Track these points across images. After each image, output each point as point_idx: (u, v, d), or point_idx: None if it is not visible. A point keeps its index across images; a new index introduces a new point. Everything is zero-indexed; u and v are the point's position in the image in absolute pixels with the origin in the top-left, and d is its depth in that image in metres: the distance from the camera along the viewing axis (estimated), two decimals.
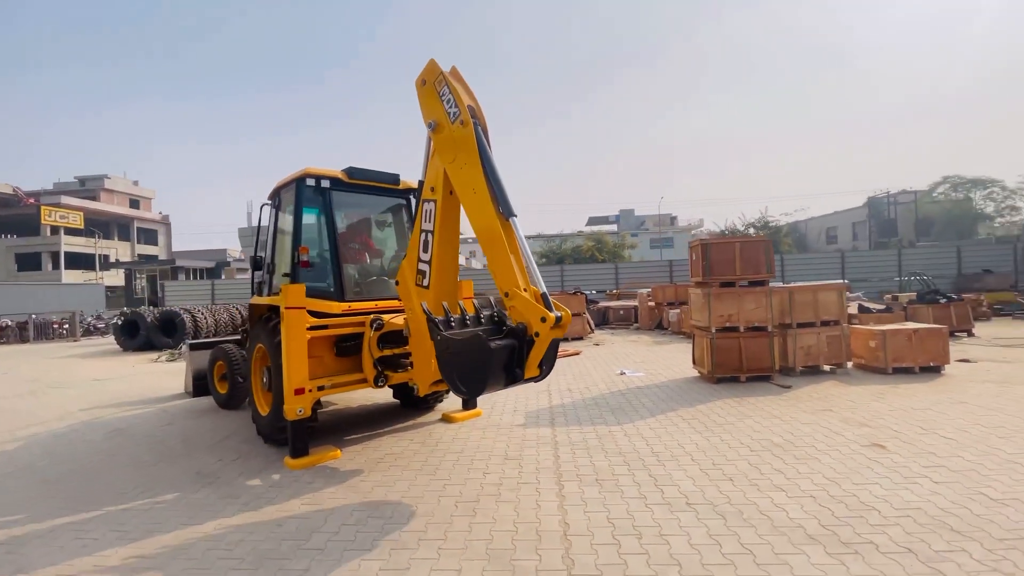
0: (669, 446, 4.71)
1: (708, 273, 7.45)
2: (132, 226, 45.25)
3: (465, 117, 4.05)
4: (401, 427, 5.70)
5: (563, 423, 5.58)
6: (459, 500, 3.72)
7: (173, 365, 11.72)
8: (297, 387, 4.53)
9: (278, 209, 5.64)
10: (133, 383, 9.34)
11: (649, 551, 2.94)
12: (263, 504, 3.78)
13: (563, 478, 4.05)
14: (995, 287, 16.97)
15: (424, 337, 4.48)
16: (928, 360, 7.52)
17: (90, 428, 6.18)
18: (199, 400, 7.51)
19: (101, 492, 4.14)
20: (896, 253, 19.12)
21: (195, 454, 5.04)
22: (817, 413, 5.64)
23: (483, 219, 3.97)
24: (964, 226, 41.39)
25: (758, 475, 3.99)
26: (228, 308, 16.84)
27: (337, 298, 5.14)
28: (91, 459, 5.00)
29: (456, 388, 3.73)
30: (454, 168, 4.21)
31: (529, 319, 3.56)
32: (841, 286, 7.91)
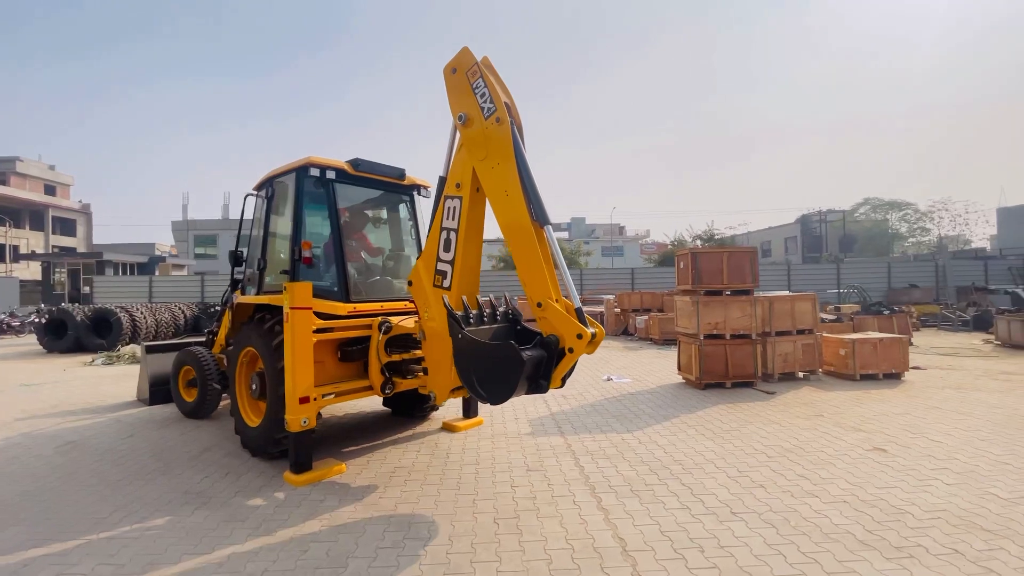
0: (687, 454, 4.69)
1: (697, 281, 7.60)
2: (47, 215, 40.85)
3: (501, 114, 3.86)
4: (401, 437, 5.37)
5: (571, 431, 5.45)
6: (497, 516, 3.50)
7: (111, 369, 10.60)
8: (302, 395, 4.13)
9: (271, 200, 5.17)
10: (69, 389, 8.33)
11: (718, 564, 2.86)
12: (275, 527, 3.39)
13: (597, 490, 3.91)
14: (920, 300, 18.60)
15: (441, 341, 4.24)
16: (891, 367, 8.03)
17: (34, 440, 5.40)
18: (157, 409, 6.78)
19: (73, 517, 3.58)
20: (835, 267, 20.60)
21: (173, 471, 4.49)
22: (811, 419, 5.84)
23: (515, 224, 3.79)
24: (881, 244, 45.32)
25: (786, 482, 4.03)
26: (170, 307, 15.54)
27: (341, 299, 4.77)
28: (48, 477, 4.34)
29: (475, 391, 3.56)
30: (484, 166, 4.00)
31: (563, 333, 3.44)
32: (814, 297, 8.31)
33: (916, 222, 46.43)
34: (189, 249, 40.29)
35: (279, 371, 4.33)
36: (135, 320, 13.61)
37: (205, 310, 15.99)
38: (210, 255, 40.91)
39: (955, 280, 20.42)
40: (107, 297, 19.17)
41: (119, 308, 13.66)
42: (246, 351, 4.90)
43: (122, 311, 13.48)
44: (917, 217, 46.31)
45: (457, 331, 3.61)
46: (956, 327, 15.79)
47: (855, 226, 45.67)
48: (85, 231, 44.17)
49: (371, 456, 4.79)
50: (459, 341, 3.58)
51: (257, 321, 4.69)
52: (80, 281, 24.34)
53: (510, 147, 3.81)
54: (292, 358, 4.09)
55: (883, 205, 46.51)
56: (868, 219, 46.98)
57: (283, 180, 5.02)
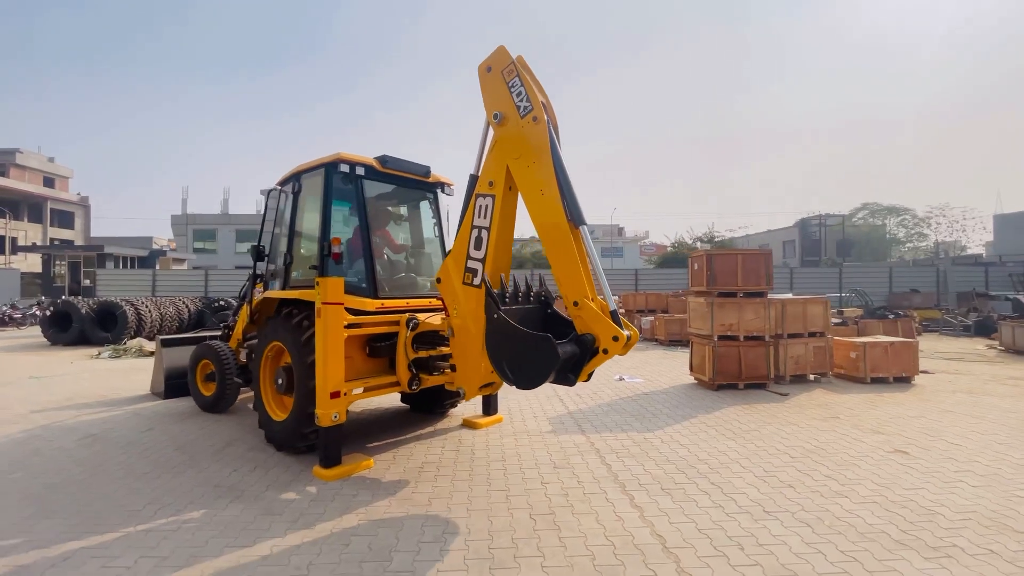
0: (711, 453, 4.72)
1: (712, 283, 7.64)
2: (45, 207, 40.52)
3: (538, 113, 3.88)
4: (424, 433, 5.38)
5: (592, 430, 5.48)
6: (532, 512, 3.52)
7: (119, 363, 10.56)
8: (333, 390, 4.14)
9: (297, 195, 5.17)
10: (80, 382, 8.29)
11: (760, 562, 2.89)
12: (313, 521, 3.40)
13: (627, 487, 3.94)
14: (921, 305, 18.74)
15: (470, 338, 4.26)
16: (901, 371, 8.10)
17: (54, 433, 5.38)
18: (173, 402, 6.77)
19: (106, 510, 3.57)
20: (836, 271, 20.74)
21: (199, 464, 4.49)
22: (827, 420, 5.89)
23: (550, 223, 3.82)
24: (879, 249, 45.61)
25: (813, 482, 4.07)
26: (174, 302, 15.48)
27: (370, 295, 4.78)
28: (74, 470, 4.33)
29: (503, 373, 3.62)
30: (519, 165, 4.02)
31: (599, 333, 3.49)
32: (826, 300, 8.36)
33: (914, 227, 46.75)
34: (188, 244, 40.12)
35: (309, 366, 4.34)
36: (140, 314, 13.55)
37: (209, 305, 15.92)
38: (209, 250, 40.74)
39: (956, 286, 20.59)
40: (110, 290, 19.05)
41: (124, 301, 13.60)
42: (272, 345, 4.90)
43: (127, 304, 13.42)
44: (915, 223, 46.62)
45: (494, 311, 3.65)
46: (958, 332, 15.91)
47: (853, 231, 45.93)
48: (83, 224, 43.90)
49: (396, 452, 4.80)
50: (495, 322, 3.63)
51: (285, 316, 4.69)
52: (81, 274, 24.18)
53: (547, 146, 3.83)
54: (324, 353, 4.10)
55: (881, 210, 46.77)
56: (866, 224, 47.26)
57: (311, 175, 5.02)
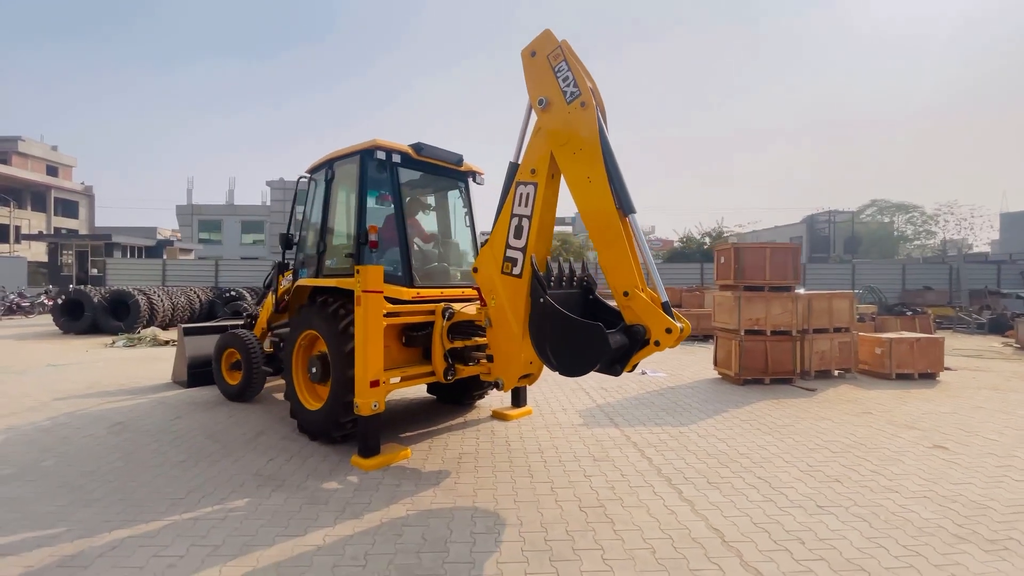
0: (751, 448, 4.66)
1: (739, 276, 7.56)
2: (49, 196, 40.43)
3: (587, 98, 3.79)
4: (455, 424, 5.33)
5: (625, 423, 5.42)
6: (582, 505, 3.46)
7: (134, 351, 10.52)
8: (373, 379, 4.08)
9: (330, 183, 5.09)
10: (97, 370, 8.25)
11: (825, 557, 2.83)
12: (361, 510, 3.35)
13: (673, 481, 3.88)
14: (935, 302, 18.64)
15: (509, 329, 4.20)
16: (926, 367, 8.02)
17: (81, 421, 5.33)
18: (197, 391, 6.72)
19: (148, 498, 3.52)
20: (849, 267, 20.64)
21: (234, 453, 4.44)
22: (860, 416, 5.82)
23: (598, 211, 3.73)
24: (886, 246, 45.41)
25: (859, 477, 4.01)
26: (185, 291, 15.44)
27: (406, 284, 4.71)
28: (107, 458, 4.28)
29: (546, 359, 3.59)
30: (565, 152, 3.93)
31: (651, 325, 3.43)
32: (851, 295, 8.28)
33: (922, 225, 46.52)
34: (193, 234, 40.05)
35: (347, 354, 4.28)
36: (152, 303, 13.51)
37: (220, 295, 15.88)
38: (215, 241, 40.69)
39: (968, 283, 20.47)
40: (119, 279, 18.98)
41: (136, 291, 13.56)
42: (306, 334, 4.84)
43: (140, 294, 13.37)
44: (923, 220, 46.38)
45: (540, 295, 3.61)
46: (972, 330, 15.82)
47: (860, 227, 45.74)
48: (87, 213, 43.82)
49: (431, 442, 4.75)
50: (541, 306, 3.58)
51: (320, 304, 4.62)
52: (88, 263, 24.13)
53: (595, 132, 3.74)
54: (364, 341, 4.03)
55: (890, 207, 46.54)
56: (874, 221, 47.04)
57: (345, 162, 4.94)
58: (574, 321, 3.44)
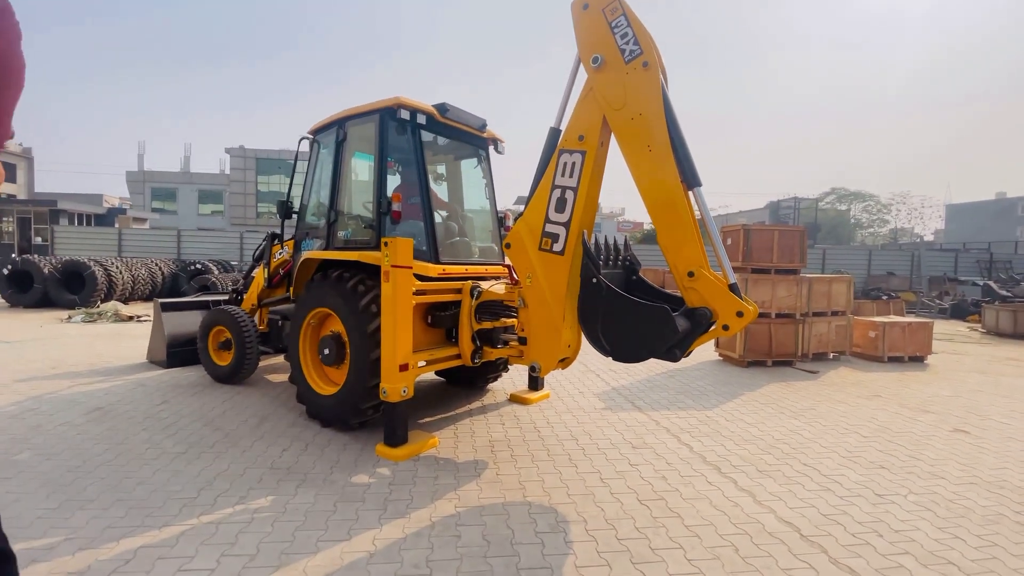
0: (783, 433, 4.58)
1: (748, 258, 7.48)
2: None
3: (649, 57, 3.45)
4: (474, 408, 5.04)
5: (647, 407, 5.26)
6: (640, 497, 3.25)
7: (95, 327, 9.67)
8: (402, 362, 3.72)
9: (341, 144, 4.59)
10: (57, 347, 7.49)
11: (908, 550, 2.72)
12: (404, 508, 3.03)
13: (722, 470, 3.73)
14: (898, 288, 19.46)
15: (547, 310, 3.90)
16: (916, 351, 8.24)
17: (53, 406, 4.74)
18: (178, 372, 6.15)
19: (152, 498, 3.09)
20: (820, 252, 21.28)
21: (239, 443, 4.01)
22: (871, 399, 5.87)
23: (659, 183, 3.44)
24: (843, 233, 47.33)
25: (901, 463, 3.96)
26: (145, 263, 14.36)
27: (432, 259, 4.32)
28: (92, 450, 3.78)
29: (597, 342, 3.36)
30: (620, 117, 3.60)
31: (720, 308, 3.23)
32: (850, 279, 8.37)
33: (876, 213, 48.69)
34: (146, 203, 37.57)
35: (369, 335, 3.90)
36: (111, 275, 12.47)
37: (184, 268, 14.86)
38: (169, 211, 38.32)
39: (927, 270, 21.47)
40: (69, 249, 17.46)
41: (92, 261, 12.47)
42: (316, 312, 4.40)
43: (96, 265, 12.31)
44: (878, 208, 48.53)
45: (593, 274, 3.34)
46: (934, 314, 16.56)
47: (820, 214, 47.43)
48: (26, 177, 40.27)
49: (455, 429, 4.44)
50: (593, 285, 3.32)
51: (335, 279, 4.18)
52: (32, 231, 22.18)
53: (658, 95, 3.43)
54: (393, 321, 3.66)
55: (848, 195, 48.40)
56: (832, 208, 48.86)
57: (361, 122, 4.45)
58: (637, 304, 3.18)
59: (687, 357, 3.48)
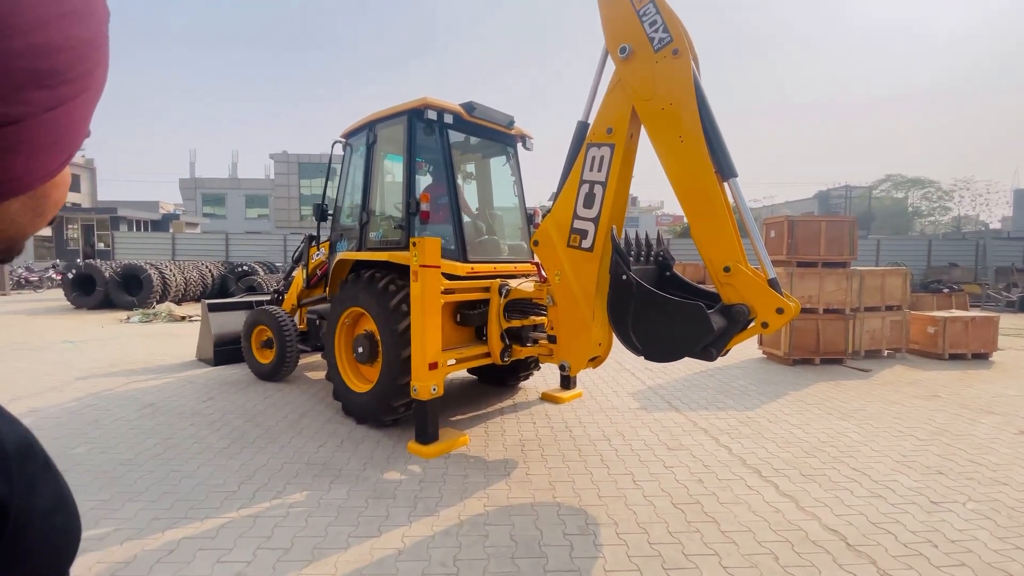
0: (830, 435, 4.35)
1: (792, 251, 7.15)
2: None
3: (680, 44, 3.32)
4: (505, 407, 5.03)
5: (684, 407, 5.11)
6: (674, 501, 3.16)
7: (150, 327, 10.23)
8: (432, 360, 3.75)
9: (371, 147, 4.66)
10: (116, 347, 7.96)
11: (965, 562, 2.52)
12: (434, 506, 3.05)
13: (763, 473, 3.57)
14: (961, 279, 18.19)
15: (577, 308, 3.83)
16: (980, 347, 7.68)
17: (109, 402, 5.04)
18: (225, 370, 6.42)
19: (197, 491, 3.23)
20: (875, 242, 20.13)
21: (279, 438, 4.14)
22: (929, 399, 5.50)
23: (693, 175, 3.31)
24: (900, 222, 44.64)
25: (960, 468, 3.69)
26: (197, 266, 15.09)
27: (460, 258, 4.33)
28: (143, 444, 3.99)
29: (628, 341, 3.27)
30: (650, 107, 3.48)
31: (758, 305, 3.08)
32: (906, 272, 7.88)
33: (937, 201, 45.67)
34: (197, 208, 39.48)
35: (400, 333, 3.94)
36: (165, 278, 13.17)
37: (232, 270, 15.53)
38: (219, 215, 40.14)
39: (993, 260, 19.99)
40: (128, 254, 18.60)
41: (148, 265, 13.21)
42: (350, 311, 4.49)
43: (152, 268, 13.02)
44: (938, 196, 45.51)
45: (623, 271, 3.26)
46: (1001, 308, 15.43)
47: (874, 203, 44.92)
48: (89, 187, 43.07)
49: (486, 427, 4.44)
50: (623, 283, 3.23)
51: (368, 279, 4.25)
52: (95, 237, 23.74)
53: (689, 84, 3.30)
54: (422, 320, 3.68)
55: (905, 182, 45.59)
56: (888, 196, 46.18)
57: (390, 124, 4.50)
58: (670, 301, 3.08)
59: (725, 356, 3.37)
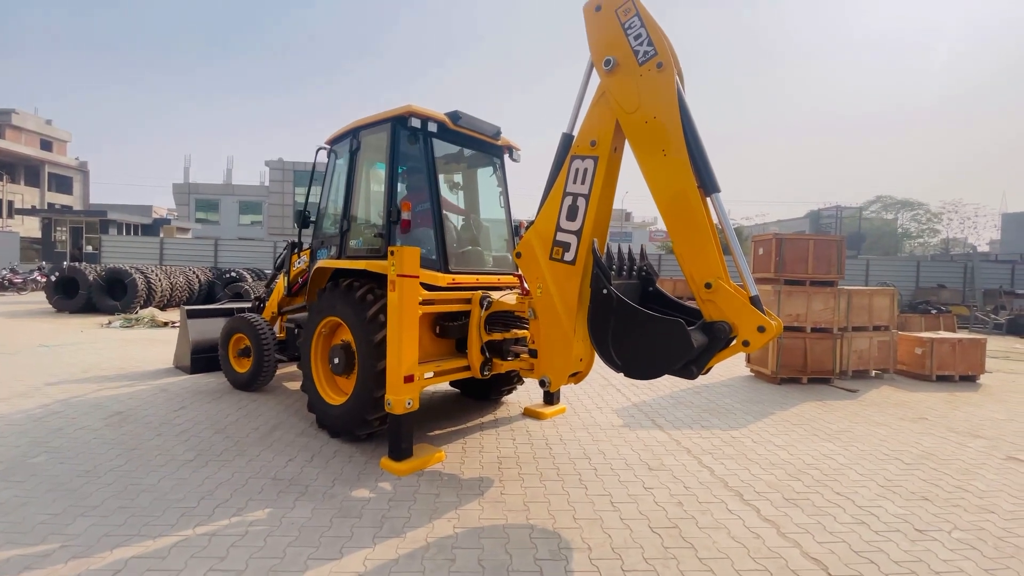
0: (815, 457, 4.26)
1: (780, 269, 7.12)
2: (43, 171, 39.33)
3: (664, 58, 3.29)
4: (486, 422, 4.90)
5: (668, 425, 5.00)
6: (652, 525, 3.04)
7: (132, 333, 10.03)
8: (407, 373, 3.63)
9: (354, 154, 4.59)
10: (93, 352, 7.77)
11: None
12: (401, 527, 2.92)
13: (745, 496, 3.47)
14: (949, 301, 18.31)
15: (558, 321, 3.74)
16: (967, 369, 7.65)
17: (76, 409, 4.87)
18: (201, 378, 6.26)
19: (154, 506, 3.08)
20: (864, 263, 20.26)
21: (248, 451, 3.99)
22: (916, 422, 5.44)
23: (675, 189, 3.26)
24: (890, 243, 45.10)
25: (946, 494, 3.61)
26: (184, 271, 14.89)
27: (441, 268, 4.24)
28: (106, 454, 3.83)
29: (608, 357, 3.18)
30: (634, 120, 3.44)
31: (739, 323, 3.01)
32: (894, 292, 7.87)
33: (926, 223, 46.22)
34: (190, 213, 39.20)
35: (375, 345, 3.83)
36: (150, 282, 12.97)
37: (220, 276, 15.34)
38: (211, 221, 39.86)
39: (981, 282, 20.15)
40: (115, 257, 18.35)
41: (133, 269, 13.01)
42: (327, 321, 4.37)
43: (137, 272, 12.83)
44: (928, 218, 46.08)
45: (603, 285, 3.18)
46: (989, 330, 15.50)
47: (864, 223, 45.40)
48: (81, 189, 42.84)
49: (464, 443, 4.32)
50: (604, 297, 3.16)
51: (345, 288, 4.14)
52: (83, 240, 23.47)
53: (673, 97, 3.26)
54: (399, 331, 3.57)
55: (895, 204, 46.18)
56: (878, 217, 46.71)
57: (373, 131, 4.44)
58: (650, 317, 3.00)
59: (707, 374, 3.29)
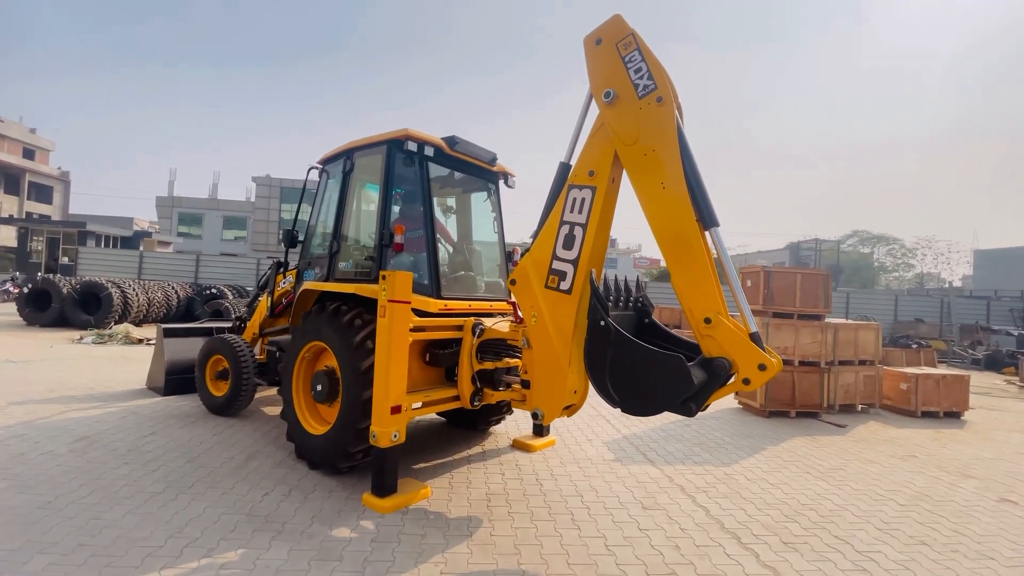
0: (811, 497, 4.18)
1: (768, 302, 7.15)
2: (23, 179, 38.51)
3: (664, 92, 3.30)
4: (473, 455, 4.73)
5: (661, 460, 4.89)
6: (649, 572, 2.91)
7: (104, 349, 9.65)
8: (395, 404, 3.49)
9: (348, 175, 4.51)
10: (62, 369, 7.42)
11: None
12: (384, 572, 2.74)
13: (743, 540, 3.36)
14: (927, 335, 18.65)
15: (552, 352, 3.65)
16: (951, 406, 7.70)
17: (40, 433, 4.59)
18: (175, 401, 5.99)
19: (117, 544, 2.86)
20: (845, 296, 20.64)
21: (222, 483, 3.77)
22: (905, 459, 5.41)
23: (673, 223, 3.24)
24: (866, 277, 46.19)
25: (944, 539, 3.54)
26: (162, 286, 14.51)
27: (433, 294, 4.13)
28: (69, 484, 3.58)
29: (604, 392, 3.12)
30: (633, 153, 3.43)
31: (739, 360, 2.98)
32: (878, 327, 7.95)
33: (901, 257, 47.54)
34: (172, 227, 38.55)
35: (362, 373, 3.68)
36: (127, 297, 12.57)
37: (199, 292, 14.98)
38: (194, 235, 39.24)
39: (958, 318, 20.63)
40: (92, 270, 17.82)
41: (109, 283, 12.62)
42: (311, 346, 4.22)
43: (113, 286, 12.44)
44: (902, 253, 47.41)
45: (601, 316, 3.12)
46: (967, 365, 15.76)
47: (842, 256, 46.49)
48: (62, 199, 41.96)
49: (451, 478, 4.15)
50: (601, 329, 3.10)
51: (332, 312, 4.00)
52: (59, 251, 22.82)
53: (673, 131, 3.26)
54: (387, 359, 3.44)
55: (871, 238, 47.47)
56: (855, 251, 47.91)
57: (368, 153, 4.37)
58: (650, 352, 2.93)
59: (704, 411, 3.21)
